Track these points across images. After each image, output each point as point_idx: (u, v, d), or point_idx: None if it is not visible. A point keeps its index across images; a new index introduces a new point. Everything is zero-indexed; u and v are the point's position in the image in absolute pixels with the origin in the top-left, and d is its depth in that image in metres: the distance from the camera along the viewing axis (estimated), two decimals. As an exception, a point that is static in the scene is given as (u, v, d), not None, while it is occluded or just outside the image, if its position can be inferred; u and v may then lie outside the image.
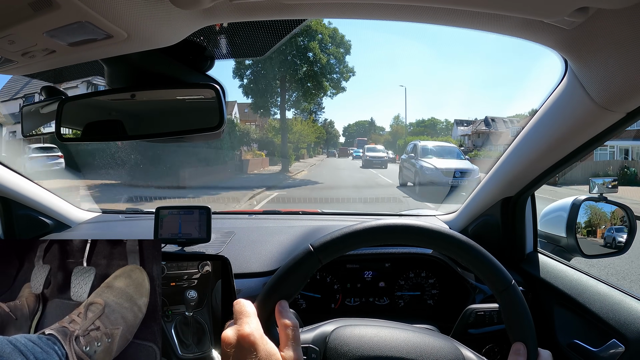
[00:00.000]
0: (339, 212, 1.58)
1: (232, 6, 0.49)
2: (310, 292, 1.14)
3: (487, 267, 0.54)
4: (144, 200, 6.90)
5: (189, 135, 0.67)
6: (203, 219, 1.05)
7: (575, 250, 1.03)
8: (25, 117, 0.86)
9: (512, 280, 0.54)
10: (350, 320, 0.63)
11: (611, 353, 0.76)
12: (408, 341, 0.57)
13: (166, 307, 0.71)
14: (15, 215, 1.22)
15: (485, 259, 0.54)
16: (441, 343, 0.58)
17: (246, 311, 0.50)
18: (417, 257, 1.14)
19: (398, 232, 0.55)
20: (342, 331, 0.59)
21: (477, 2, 0.47)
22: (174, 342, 0.69)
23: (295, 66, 17.61)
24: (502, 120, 31.69)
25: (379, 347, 0.56)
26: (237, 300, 0.52)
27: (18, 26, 0.44)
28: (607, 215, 1.05)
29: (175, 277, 0.73)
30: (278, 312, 0.51)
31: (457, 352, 0.57)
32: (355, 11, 0.52)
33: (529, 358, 0.52)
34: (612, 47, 0.51)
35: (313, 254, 0.53)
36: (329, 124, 56.91)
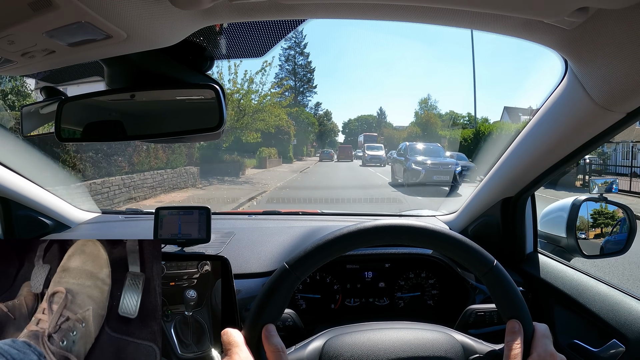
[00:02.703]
0: (339, 212, 1.58)
1: (231, 6, 0.49)
2: (310, 292, 1.13)
3: (467, 252, 0.54)
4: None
5: (189, 135, 0.67)
6: (203, 219, 1.05)
7: (575, 251, 1.03)
8: (25, 117, 0.86)
9: (494, 261, 0.54)
10: (338, 329, 0.63)
11: (611, 353, 0.76)
12: (401, 340, 0.58)
13: (166, 306, 0.71)
14: (15, 215, 1.22)
15: (463, 244, 0.54)
16: (434, 335, 0.58)
17: (235, 341, 0.51)
18: (417, 258, 1.14)
19: (371, 235, 0.55)
20: (334, 343, 0.59)
21: (478, 2, 0.47)
22: (174, 341, 0.69)
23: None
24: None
25: (374, 352, 0.56)
26: (224, 331, 0.53)
27: (18, 26, 0.44)
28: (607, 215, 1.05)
29: (174, 277, 0.73)
30: (265, 337, 0.51)
31: (450, 339, 0.58)
32: (354, 11, 0.52)
33: (526, 333, 0.51)
34: (612, 47, 0.51)
35: (289, 271, 0.54)
36: (325, 116, 43.28)
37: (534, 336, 0.52)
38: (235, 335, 0.52)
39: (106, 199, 7.25)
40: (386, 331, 0.60)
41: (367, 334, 0.60)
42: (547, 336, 0.52)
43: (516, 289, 0.54)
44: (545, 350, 0.50)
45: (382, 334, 0.59)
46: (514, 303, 0.53)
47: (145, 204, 7.78)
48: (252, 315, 0.53)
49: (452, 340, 0.58)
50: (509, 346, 0.50)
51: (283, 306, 0.54)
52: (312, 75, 34.07)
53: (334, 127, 48.32)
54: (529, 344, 0.51)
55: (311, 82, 34.12)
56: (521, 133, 0.88)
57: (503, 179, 1.00)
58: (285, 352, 0.51)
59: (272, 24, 0.62)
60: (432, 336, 0.58)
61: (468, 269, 1.08)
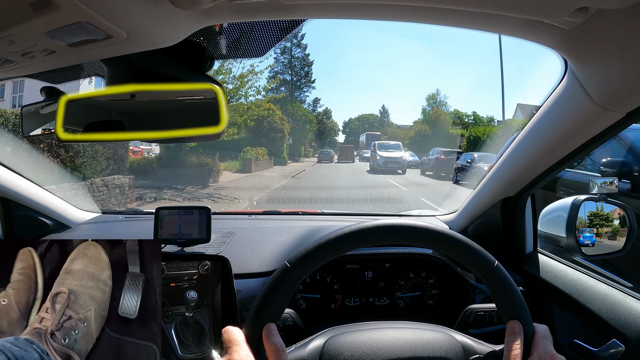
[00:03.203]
0: (339, 212, 1.58)
1: (231, 7, 0.49)
2: (310, 292, 1.14)
3: (468, 253, 0.55)
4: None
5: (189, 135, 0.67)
6: (203, 219, 1.05)
7: (575, 250, 1.03)
8: (25, 117, 0.86)
9: (494, 261, 0.54)
10: (338, 328, 0.63)
11: (611, 353, 0.76)
12: (401, 340, 0.58)
13: (166, 307, 0.71)
14: (15, 215, 1.22)
15: (464, 245, 0.55)
16: (434, 335, 0.58)
17: (235, 339, 0.52)
18: (417, 257, 1.14)
19: (373, 234, 0.55)
20: (334, 342, 0.59)
21: (478, 2, 0.47)
22: (174, 342, 0.69)
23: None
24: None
25: (374, 352, 0.56)
26: (225, 329, 0.53)
27: (18, 26, 0.44)
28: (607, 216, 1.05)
29: (175, 278, 0.73)
30: (265, 336, 0.52)
31: (450, 340, 0.58)
32: (354, 11, 0.52)
33: (526, 334, 0.51)
34: (612, 47, 0.51)
35: (290, 270, 0.54)
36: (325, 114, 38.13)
37: (534, 337, 0.52)
38: (236, 333, 0.53)
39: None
40: (386, 331, 0.60)
41: (368, 334, 0.60)
42: (547, 337, 0.52)
43: (517, 290, 0.54)
44: (545, 352, 0.50)
45: (382, 334, 0.59)
46: (515, 304, 0.53)
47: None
48: (252, 314, 0.53)
49: (452, 340, 0.58)
50: (509, 347, 0.50)
51: (284, 305, 0.54)
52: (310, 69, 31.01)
53: (334, 125, 42.92)
54: (529, 344, 0.52)
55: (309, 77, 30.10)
56: (521, 133, 0.88)
57: (503, 178, 1.01)
58: (285, 351, 0.51)
59: (272, 24, 0.62)
60: (432, 336, 0.58)
61: (468, 269, 1.09)
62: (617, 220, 1.05)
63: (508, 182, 0.99)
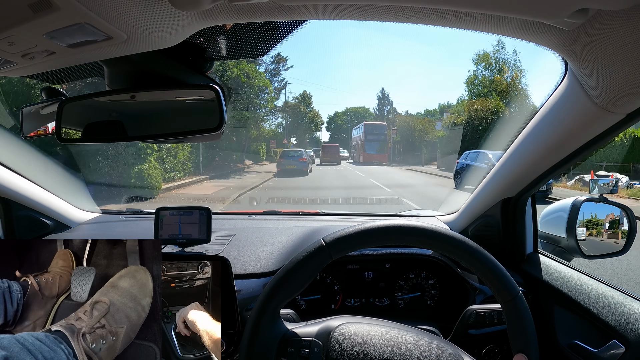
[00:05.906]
0: (339, 212, 1.58)
1: (231, 8, 0.49)
2: (311, 292, 1.13)
3: (495, 276, 0.55)
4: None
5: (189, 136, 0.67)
6: (203, 219, 1.05)
7: (575, 251, 1.03)
8: (26, 118, 0.86)
9: (519, 291, 0.54)
10: (355, 317, 0.63)
11: (611, 354, 0.76)
12: (411, 343, 0.57)
13: (166, 307, 0.71)
14: (15, 215, 1.22)
15: (494, 268, 0.55)
16: (444, 348, 0.58)
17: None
18: (417, 258, 1.14)
19: (412, 234, 0.56)
20: (346, 328, 0.59)
21: (478, 3, 0.47)
22: (174, 342, 0.69)
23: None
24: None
25: (382, 348, 0.56)
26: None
27: (18, 28, 0.44)
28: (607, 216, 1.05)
29: (175, 278, 0.73)
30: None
31: (458, 358, 0.57)
32: (354, 12, 0.52)
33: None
34: (612, 48, 0.51)
35: (324, 248, 0.54)
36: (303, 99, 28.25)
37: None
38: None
39: None
40: (398, 331, 0.60)
41: (380, 329, 0.60)
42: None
43: (532, 324, 0.54)
44: None
45: (394, 333, 0.59)
46: (527, 338, 0.53)
47: None
48: (275, 281, 0.54)
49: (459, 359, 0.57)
50: None
51: (306, 281, 0.55)
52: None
53: (316, 116, 30.34)
54: None
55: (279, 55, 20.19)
56: (521, 134, 0.88)
57: (503, 179, 1.00)
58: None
59: (272, 25, 0.62)
60: (440, 349, 0.58)
61: (470, 271, 1.09)
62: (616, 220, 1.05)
63: (508, 182, 0.99)
